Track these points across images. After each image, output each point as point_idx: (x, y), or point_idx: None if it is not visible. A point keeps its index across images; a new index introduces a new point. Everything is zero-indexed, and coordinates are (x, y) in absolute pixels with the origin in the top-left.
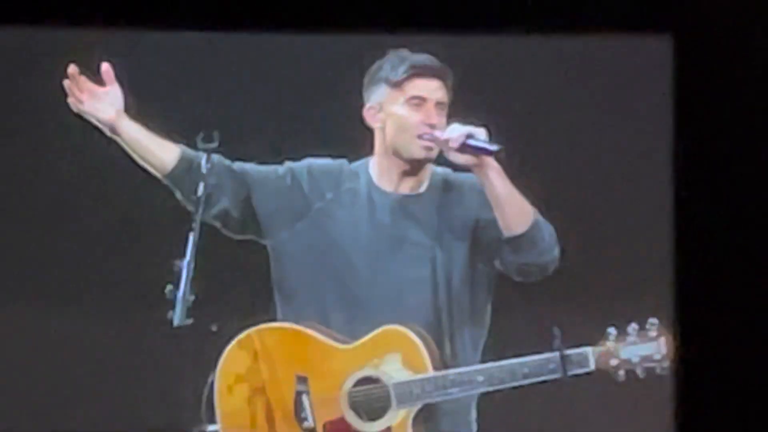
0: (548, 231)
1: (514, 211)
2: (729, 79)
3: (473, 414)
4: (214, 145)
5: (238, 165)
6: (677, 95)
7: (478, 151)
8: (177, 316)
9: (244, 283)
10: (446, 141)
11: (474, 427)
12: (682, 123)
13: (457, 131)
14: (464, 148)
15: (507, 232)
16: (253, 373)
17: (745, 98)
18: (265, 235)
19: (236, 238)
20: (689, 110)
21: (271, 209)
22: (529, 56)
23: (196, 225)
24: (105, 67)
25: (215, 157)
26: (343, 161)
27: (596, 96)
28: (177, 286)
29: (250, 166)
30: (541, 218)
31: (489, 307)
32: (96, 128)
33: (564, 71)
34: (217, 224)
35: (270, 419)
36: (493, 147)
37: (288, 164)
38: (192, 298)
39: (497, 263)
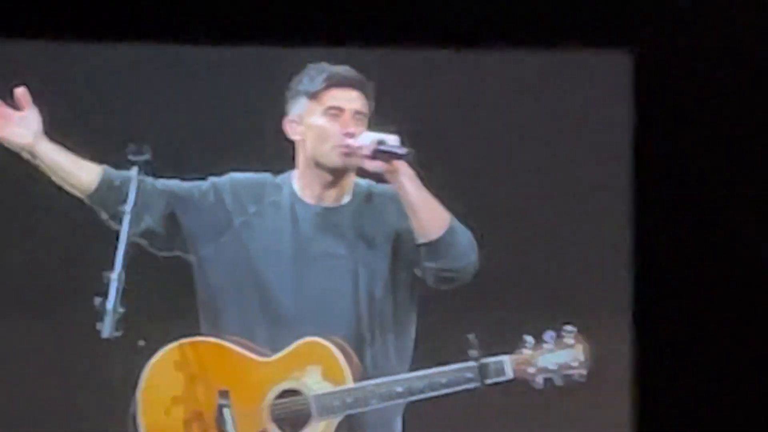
0: (465, 236)
1: (429, 216)
2: (688, 94)
3: (398, 425)
4: (146, 157)
5: (161, 182)
6: (636, 110)
7: (388, 156)
8: (106, 328)
9: (173, 296)
10: (358, 148)
11: None
12: (641, 137)
13: (368, 138)
14: (376, 154)
15: (422, 238)
16: (175, 387)
17: (703, 113)
18: (189, 250)
19: (162, 255)
20: (648, 125)
21: (195, 225)
22: (489, 70)
23: (123, 240)
24: (20, 90)
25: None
26: (267, 174)
27: (555, 110)
28: (106, 297)
29: (173, 183)
30: (457, 223)
31: (413, 317)
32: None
33: (524, 85)
34: (143, 242)
35: None
36: (402, 151)
37: (211, 179)
38: (121, 310)
39: (418, 272)
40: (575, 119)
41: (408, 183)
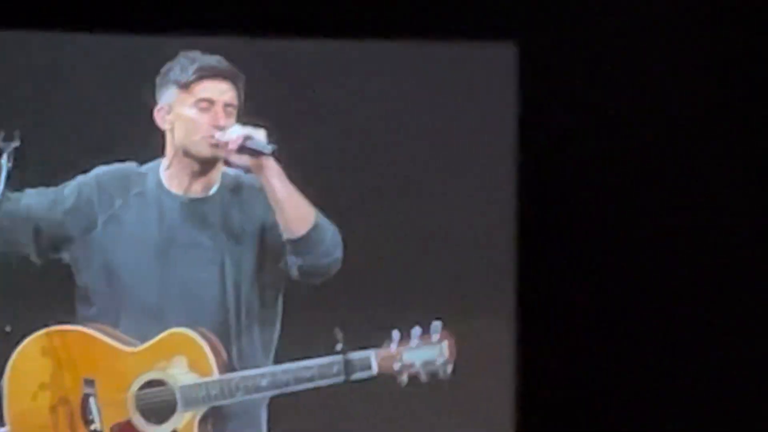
0: (330, 233)
1: (294, 213)
2: (572, 85)
3: (263, 415)
4: (16, 144)
5: (23, 204)
6: (521, 101)
7: (254, 152)
8: None
9: (42, 283)
10: (226, 143)
11: (264, 428)
12: (525, 130)
13: (235, 133)
14: (243, 149)
15: (287, 234)
16: (42, 375)
17: (588, 105)
18: (62, 252)
19: (40, 263)
20: (532, 116)
21: (62, 231)
22: (369, 62)
23: None
24: None
25: None
26: (131, 164)
27: (438, 103)
28: None
29: (34, 200)
30: (323, 220)
31: (279, 309)
32: None
33: (405, 78)
34: (22, 255)
35: (58, 421)
36: (268, 149)
37: (77, 179)
38: None
39: (283, 265)
40: (458, 112)
41: (274, 179)
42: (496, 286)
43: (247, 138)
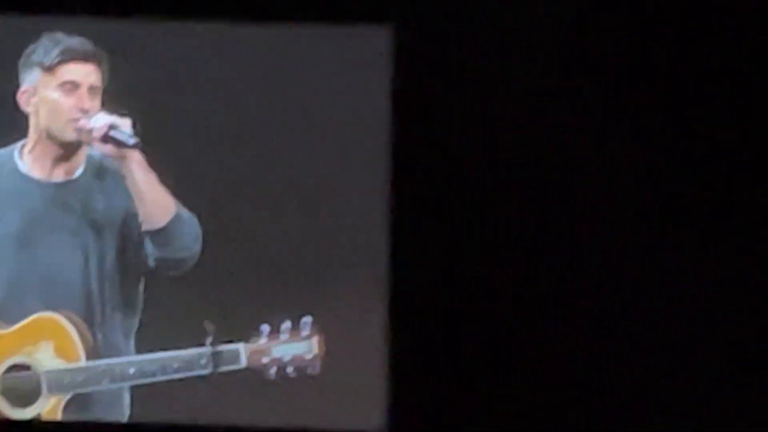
0: (190, 226)
1: (154, 204)
2: (450, 70)
3: (126, 400)
4: None
5: None
6: (396, 86)
7: (118, 143)
8: None
9: None
10: (90, 130)
11: (127, 412)
12: (400, 114)
13: (101, 121)
14: (107, 138)
15: (146, 225)
16: None
17: (465, 90)
18: None
19: None
20: (408, 101)
21: None
22: (236, 44)
23: None
24: None
25: None
26: None
27: (310, 87)
28: None
29: None
30: (184, 213)
31: (141, 296)
32: None
33: (274, 62)
34: None
35: None
36: (132, 141)
37: None
38: None
39: (142, 254)
40: (330, 98)
41: (136, 170)
42: (368, 279)
43: (112, 127)
